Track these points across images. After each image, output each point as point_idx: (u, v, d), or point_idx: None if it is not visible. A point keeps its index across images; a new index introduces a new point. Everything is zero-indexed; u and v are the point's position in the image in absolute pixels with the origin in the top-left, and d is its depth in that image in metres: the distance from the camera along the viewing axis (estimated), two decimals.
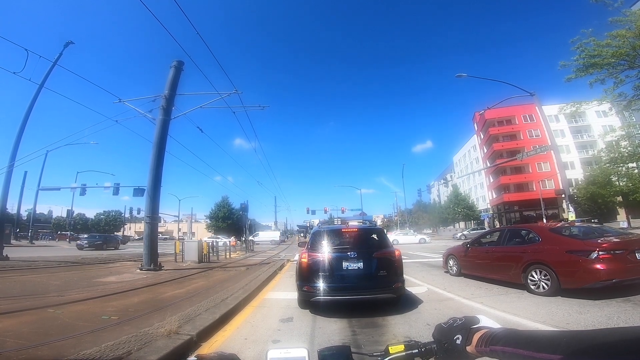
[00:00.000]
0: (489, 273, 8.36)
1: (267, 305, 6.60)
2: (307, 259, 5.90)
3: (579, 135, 54.28)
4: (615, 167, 28.38)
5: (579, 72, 16.08)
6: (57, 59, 17.00)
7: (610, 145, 22.90)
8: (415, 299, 6.67)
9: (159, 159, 13.38)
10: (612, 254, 6.06)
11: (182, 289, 7.98)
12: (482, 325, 0.88)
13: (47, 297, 6.42)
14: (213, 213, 66.72)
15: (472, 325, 0.88)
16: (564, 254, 6.53)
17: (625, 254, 6.12)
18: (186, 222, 79.04)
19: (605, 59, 14.90)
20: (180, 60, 14.25)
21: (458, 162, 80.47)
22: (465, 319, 0.91)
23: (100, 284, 8.39)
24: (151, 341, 3.68)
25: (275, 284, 9.45)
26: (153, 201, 13.02)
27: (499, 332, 0.79)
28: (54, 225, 71.79)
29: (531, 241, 7.60)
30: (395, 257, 5.98)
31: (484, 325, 0.88)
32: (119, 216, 76.03)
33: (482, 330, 0.84)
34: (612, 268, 5.90)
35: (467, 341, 0.84)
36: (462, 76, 18.65)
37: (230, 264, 15.52)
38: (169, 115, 13.76)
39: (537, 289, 6.73)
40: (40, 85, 16.65)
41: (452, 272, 9.83)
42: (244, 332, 4.74)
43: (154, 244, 12.55)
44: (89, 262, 14.32)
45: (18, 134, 16.29)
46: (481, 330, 0.84)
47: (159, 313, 5.17)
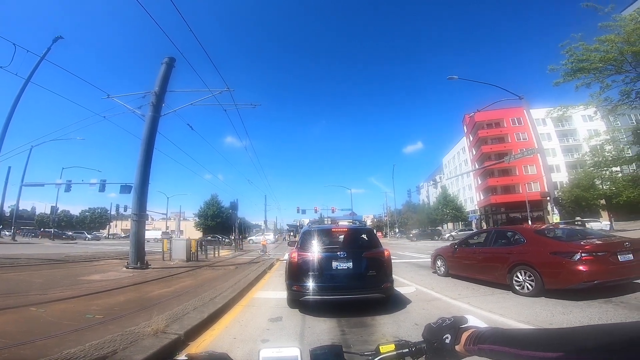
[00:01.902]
0: (475, 274, 8.44)
1: (256, 304, 6.57)
2: (296, 258, 5.89)
3: (565, 138, 55.49)
4: (599, 171, 29.05)
5: (567, 76, 16.27)
6: (45, 54, 16.61)
7: (594, 149, 23.41)
8: (403, 299, 6.71)
9: (148, 156, 13.17)
10: (594, 256, 6.13)
11: (170, 287, 7.87)
12: (470, 324, 0.89)
13: (30, 295, 6.25)
14: (202, 211, 65.99)
15: (460, 324, 0.90)
16: (548, 256, 6.61)
17: (607, 255, 6.20)
18: (174, 220, 78.21)
19: (593, 63, 15.11)
20: (171, 57, 14.06)
21: (447, 163, 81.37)
22: (454, 318, 0.93)
23: (84, 282, 8.21)
24: (137, 340, 3.62)
25: (265, 283, 9.42)
26: (140, 199, 12.83)
27: (486, 331, 0.81)
28: (37, 222, 70.07)
29: (517, 242, 7.70)
30: (385, 257, 6.01)
31: (472, 324, 0.89)
32: (105, 213, 74.75)
33: (470, 330, 0.85)
34: (594, 269, 5.98)
35: (456, 340, 0.86)
36: (453, 78, 18.85)
37: (218, 262, 15.39)
38: (158, 112, 13.56)
39: (521, 290, 6.80)
40: (26, 80, 16.24)
41: (440, 273, 9.90)
42: (232, 331, 4.70)
43: (140, 242, 12.34)
44: (73, 260, 14.00)
45: (2, 129, 15.86)
46: (469, 330, 0.86)
47: (145, 312, 5.09)
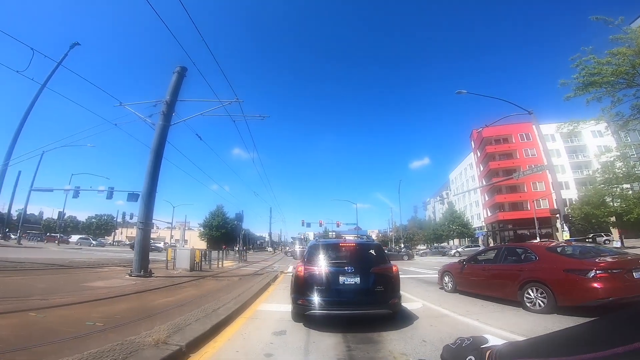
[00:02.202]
0: (484, 290, 8.35)
1: (259, 317, 6.42)
2: (303, 271, 5.77)
3: (574, 155, 54.89)
4: (609, 188, 28.54)
5: (578, 90, 15.98)
6: (62, 60, 17.16)
7: (605, 165, 23.01)
8: (410, 314, 6.53)
9: (156, 165, 13.24)
10: (609, 273, 6.11)
11: (172, 297, 7.76)
12: (491, 344, 0.90)
13: (31, 300, 6.18)
14: (207, 221, 66.03)
15: (481, 345, 0.90)
16: (562, 273, 6.58)
17: (623, 272, 6.17)
18: (179, 230, 78.32)
19: (605, 77, 14.85)
20: (183, 66, 14.27)
21: (454, 179, 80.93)
22: (473, 339, 0.94)
23: (87, 289, 8.14)
24: (137, 350, 3.52)
25: (269, 295, 9.25)
26: (147, 207, 12.83)
27: (503, 348, 0.82)
28: (43, 226, 70.72)
29: (528, 260, 7.66)
30: (393, 273, 5.90)
31: (492, 344, 0.90)
32: (111, 220, 75.14)
33: (490, 349, 0.86)
34: (610, 286, 5.95)
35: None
36: (462, 93, 18.75)
37: (222, 273, 15.24)
38: (169, 121, 13.69)
39: (533, 307, 6.75)
40: (42, 85, 16.61)
41: (448, 289, 9.75)
42: (235, 344, 4.56)
43: (145, 250, 12.29)
44: (77, 266, 13.97)
45: (15, 133, 16.15)
46: (489, 349, 0.86)
47: (146, 321, 4.98)
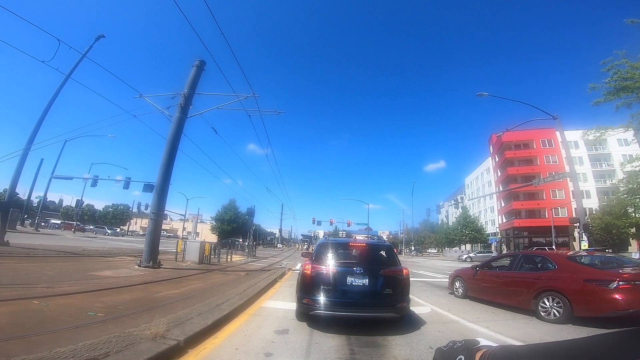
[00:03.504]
0: (497, 297, 8.12)
1: (263, 314, 6.30)
2: (310, 270, 5.61)
3: (597, 163, 52.78)
4: (632, 199, 27.43)
5: (609, 95, 15.32)
6: (87, 51, 17.16)
7: (630, 175, 22.04)
8: (418, 319, 6.31)
9: (171, 156, 13.33)
10: (632, 284, 5.95)
11: (178, 289, 7.74)
12: (482, 345, 0.89)
13: (37, 287, 6.22)
14: (219, 215, 66.65)
15: (473, 346, 0.89)
16: (581, 283, 6.38)
17: None
18: (192, 222, 79.47)
19: (638, 81, 14.21)
20: (202, 60, 14.31)
21: (470, 184, 79.41)
22: (464, 341, 0.94)
23: (94, 278, 8.20)
24: (134, 343, 3.42)
25: (274, 292, 9.15)
26: (160, 198, 12.91)
27: (499, 350, 0.81)
28: (62, 214, 72.63)
29: (545, 268, 7.45)
30: (403, 275, 5.70)
31: (484, 345, 0.89)
32: (127, 210, 76.74)
33: (482, 350, 0.85)
34: (631, 298, 5.85)
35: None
36: (483, 95, 18.19)
37: (230, 267, 15.27)
38: (185, 113, 13.76)
39: (547, 316, 6.59)
40: (67, 76, 16.78)
41: (458, 294, 9.50)
42: (235, 341, 4.45)
43: (155, 241, 12.33)
44: (89, 254, 14.20)
45: (38, 121, 16.39)
46: (481, 350, 0.85)
47: (148, 313, 4.92)
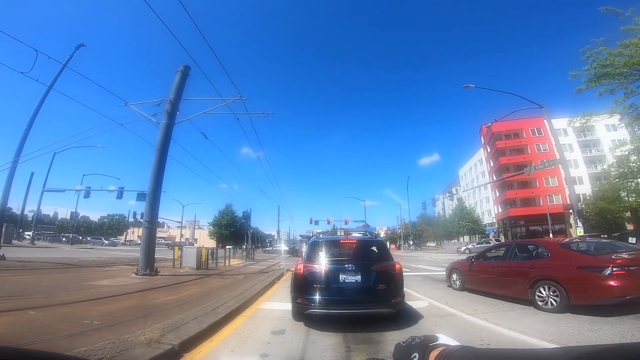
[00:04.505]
0: (494, 288, 8.11)
1: (260, 315, 6.32)
2: (302, 269, 5.63)
3: (587, 149, 53.48)
4: (624, 183, 27.79)
5: (590, 82, 15.60)
6: (68, 61, 17.07)
7: (620, 159, 22.36)
8: (415, 314, 6.35)
9: (161, 163, 13.23)
10: (626, 270, 5.82)
11: (175, 295, 7.72)
12: (440, 343, 0.88)
13: (34, 298, 6.20)
14: (216, 220, 66.60)
15: (429, 343, 0.88)
16: (575, 270, 6.30)
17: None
18: (189, 229, 79.15)
19: (617, 68, 14.48)
20: (186, 65, 14.20)
21: (464, 175, 79.82)
22: (424, 337, 0.93)
23: (91, 287, 8.16)
24: (128, 349, 3.43)
25: (272, 293, 9.16)
26: (153, 206, 12.82)
27: (457, 351, 0.79)
28: (57, 227, 72.12)
29: (539, 256, 7.39)
30: (396, 270, 5.71)
31: (442, 343, 0.88)
32: (123, 220, 76.33)
33: (439, 348, 0.83)
34: (627, 284, 5.68)
35: (424, 359, 0.84)
36: (469, 87, 18.33)
37: (228, 271, 15.24)
38: (173, 119, 13.66)
39: (544, 305, 6.49)
40: (49, 87, 16.69)
41: (456, 287, 9.53)
42: (231, 343, 4.46)
43: (151, 249, 12.28)
44: (86, 265, 14.12)
45: (24, 134, 16.29)
46: (438, 348, 0.83)
47: (144, 319, 4.91)
